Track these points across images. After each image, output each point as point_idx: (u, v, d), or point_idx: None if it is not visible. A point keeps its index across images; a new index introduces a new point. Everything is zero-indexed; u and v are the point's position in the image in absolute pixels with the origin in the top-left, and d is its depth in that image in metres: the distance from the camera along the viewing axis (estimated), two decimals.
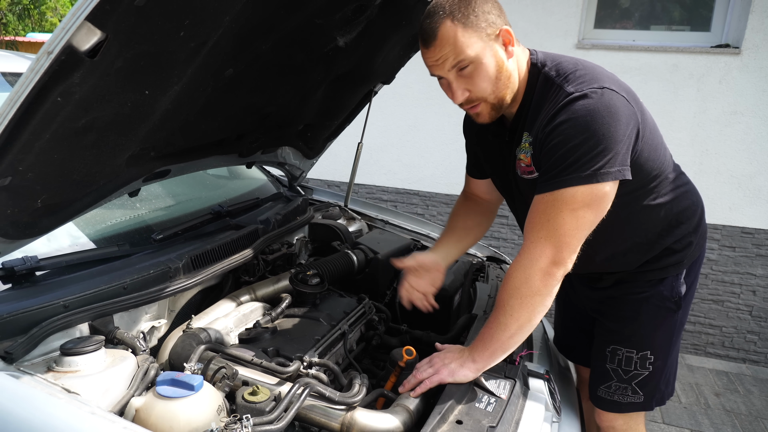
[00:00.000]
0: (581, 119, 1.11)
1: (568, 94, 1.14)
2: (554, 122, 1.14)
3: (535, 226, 1.16)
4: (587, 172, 1.09)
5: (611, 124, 1.10)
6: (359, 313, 1.65)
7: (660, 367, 1.43)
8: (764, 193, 3.25)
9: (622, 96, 1.14)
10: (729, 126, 3.23)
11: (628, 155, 1.14)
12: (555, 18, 3.38)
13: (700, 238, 1.43)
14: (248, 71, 1.36)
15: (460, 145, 1.63)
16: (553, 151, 1.14)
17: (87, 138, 1.03)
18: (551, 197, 1.14)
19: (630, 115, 1.14)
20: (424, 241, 2.30)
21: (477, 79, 1.20)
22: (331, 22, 1.42)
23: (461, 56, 1.16)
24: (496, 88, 1.22)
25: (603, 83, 1.14)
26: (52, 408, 0.96)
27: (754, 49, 3.10)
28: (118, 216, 1.69)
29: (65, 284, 1.26)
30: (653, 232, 1.36)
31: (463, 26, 1.15)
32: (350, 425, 1.11)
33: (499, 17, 1.19)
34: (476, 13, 1.15)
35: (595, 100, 1.11)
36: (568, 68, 1.20)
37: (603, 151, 1.09)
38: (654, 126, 1.29)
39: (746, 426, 2.79)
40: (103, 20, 0.79)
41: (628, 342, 1.43)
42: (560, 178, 1.12)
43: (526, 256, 1.17)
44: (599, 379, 1.49)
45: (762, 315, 3.37)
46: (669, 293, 1.39)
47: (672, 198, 1.35)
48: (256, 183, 2.39)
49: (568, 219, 1.12)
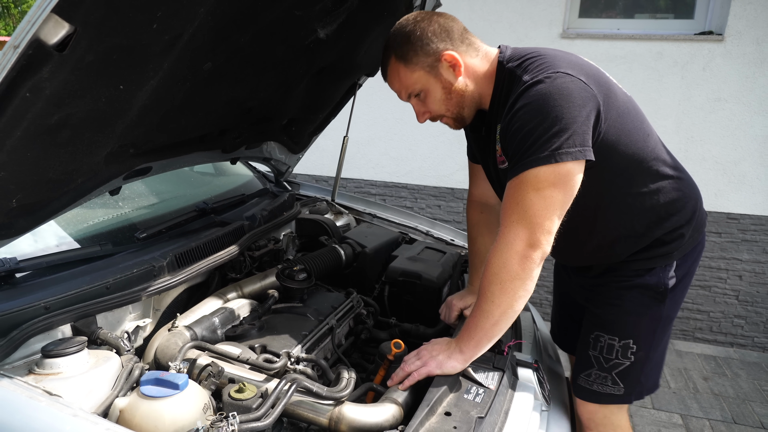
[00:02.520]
0: (534, 103, 1.15)
1: (524, 83, 1.19)
2: (512, 110, 1.20)
3: (507, 210, 1.19)
4: (545, 152, 1.12)
5: (563, 105, 1.13)
6: (347, 308, 1.64)
7: (642, 359, 1.41)
8: (749, 179, 3.28)
9: (578, 79, 1.16)
10: (713, 113, 3.25)
11: (588, 136, 1.15)
12: (540, 8, 3.37)
13: (694, 231, 1.40)
14: (228, 65, 1.34)
15: (448, 138, 1.64)
16: (513, 138, 1.19)
17: (61, 135, 1.01)
18: (517, 181, 1.17)
19: (586, 97, 1.16)
20: (412, 234, 2.29)
21: (430, 103, 1.34)
22: (311, 13, 1.40)
23: (410, 89, 1.33)
24: (450, 106, 1.34)
25: (558, 68, 1.17)
26: (33, 411, 0.95)
27: (737, 36, 3.12)
28: (100, 215, 1.66)
29: (46, 285, 1.24)
30: (641, 223, 1.35)
31: (405, 63, 1.29)
32: (339, 420, 1.10)
33: (442, 41, 1.27)
34: (415, 48, 1.27)
35: (548, 84, 1.15)
36: (529, 60, 1.25)
37: (558, 132, 1.12)
38: (628, 110, 1.28)
39: (734, 409, 2.83)
40: (70, 12, 0.77)
41: (610, 328, 1.42)
42: (522, 162, 1.15)
43: (501, 241, 1.18)
44: (581, 367, 1.48)
45: (748, 299, 3.41)
46: (654, 283, 1.38)
47: (658, 188, 1.33)
48: (242, 179, 2.37)
49: (535, 200, 1.14)
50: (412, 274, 1.77)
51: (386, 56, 1.33)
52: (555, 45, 3.27)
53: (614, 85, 1.29)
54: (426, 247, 2.05)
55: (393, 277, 1.80)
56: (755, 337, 3.45)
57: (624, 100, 1.29)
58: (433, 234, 2.29)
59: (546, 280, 3.74)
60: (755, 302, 3.40)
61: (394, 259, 1.91)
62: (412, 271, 1.78)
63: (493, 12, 3.45)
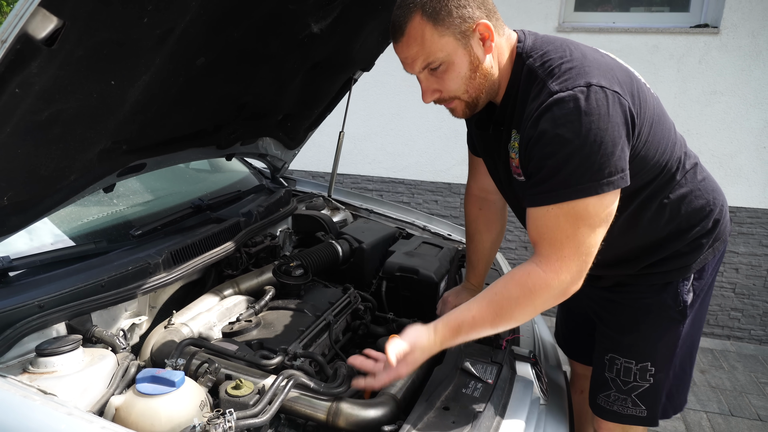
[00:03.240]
0: (570, 126, 1.00)
1: (552, 93, 1.03)
2: (538, 127, 1.03)
3: (555, 242, 1.06)
4: (591, 183, 1.01)
5: (603, 128, 1.00)
6: (344, 303, 1.63)
7: (661, 380, 1.32)
8: (745, 172, 3.29)
9: (613, 92, 1.03)
10: (709, 106, 3.25)
11: (627, 157, 1.04)
12: (535, 1, 3.36)
13: (714, 241, 1.29)
14: (221, 60, 1.32)
15: (444, 132, 1.62)
16: (544, 160, 1.04)
17: (52, 131, 0.99)
18: (560, 210, 1.03)
19: (623, 112, 1.03)
20: (409, 229, 2.29)
21: (448, 80, 1.12)
22: (304, 7, 1.39)
23: (431, 58, 1.09)
24: (470, 88, 1.14)
25: (590, 78, 1.02)
26: (28, 410, 0.94)
27: (732, 29, 3.11)
28: (94, 212, 1.65)
29: (40, 284, 1.23)
30: (659, 235, 1.26)
31: (434, 23, 1.05)
32: (336, 415, 1.10)
33: (479, 9, 1.07)
34: (449, 8, 1.05)
35: (582, 101, 1.00)
36: (554, 60, 1.08)
37: (602, 160, 1.00)
38: (658, 117, 1.17)
39: (731, 401, 2.84)
40: (59, 6, 0.76)
41: (627, 352, 1.33)
42: (561, 190, 1.02)
43: (551, 272, 1.06)
44: (599, 387, 1.41)
45: (745, 292, 3.42)
46: (672, 301, 1.27)
47: (678, 197, 1.22)
48: (238, 176, 2.36)
49: (588, 235, 1.04)
50: (409, 269, 1.77)
51: (407, 11, 1.07)
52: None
53: (644, 88, 1.17)
54: (423, 242, 2.04)
55: (390, 273, 1.79)
56: (752, 329, 3.46)
57: (653, 105, 1.17)
58: (431, 229, 2.29)
59: None
60: (752, 295, 3.41)
61: (391, 254, 1.90)
62: (410, 266, 1.77)
63: None
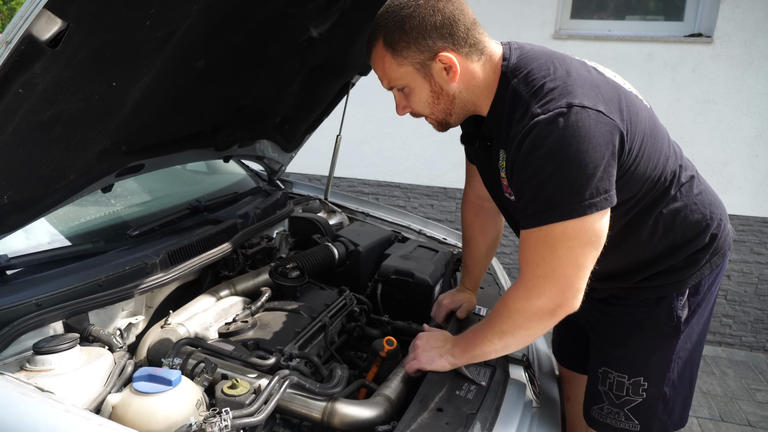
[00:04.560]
0: (550, 148, 0.99)
1: (533, 116, 1.01)
2: (521, 150, 1.03)
3: (531, 263, 1.07)
4: (568, 207, 1.00)
5: (584, 150, 0.98)
6: (340, 305, 1.65)
7: (655, 395, 1.31)
8: (737, 179, 3.32)
9: (597, 111, 1.00)
10: (702, 114, 3.29)
11: (613, 178, 1.03)
12: (532, 9, 3.40)
13: (712, 256, 1.26)
14: (221, 63, 1.34)
15: (440, 137, 1.64)
16: (527, 184, 1.04)
17: (53, 131, 1.01)
18: (541, 234, 1.04)
19: (608, 132, 1.01)
20: (404, 233, 2.30)
21: (413, 101, 1.18)
22: (303, 12, 1.41)
23: (393, 83, 1.16)
24: (435, 111, 1.18)
25: (573, 98, 1.00)
26: (25, 407, 0.94)
27: (725, 38, 3.15)
28: (92, 213, 1.66)
29: (38, 282, 1.23)
30: (653, 251, 1.24)
31: (392, 53, 1.10)
32: (331, 415, 1.11)
33: (442, 39, 1.07)
34: (408, 40, 1.07)
35: (563, 123, 0.98)
36: (537, 79, 1.07)
37: (583, 182, 0.99)
38: (649, 131, 1.15)
39: (722, 407, 2.86)
40: (63, 8, 0.77)
41: (619, 366, 1.33)
42: (544, 213, 1.02)
43: (525, 293, 1.08)
44: (592, 400, 1.40)
45: (736, 299, 3.45)
46: (666, 317, 1.26)
47: (670, 212, 1.21)
48: (235, 178, 2.37)
49: (566, 257, 1.03)
50: (404, 273, 1.78)
51: (374, 36, 1.12)
52: (547, 46, 3.29)
53: (634, 101, 1.14)
54: (419, 245, 2.06)
55: (386, 276, 1.81)
56: (743, 336, 3.49)
57: (645, 119, 1.15)
58: (426, 233, 2.31)
59: None
60: (743, 302, 3.44)
61: (386, 257, 1.91)
62: (405, 270, 1.79)
63: (485, 12, 3.47)
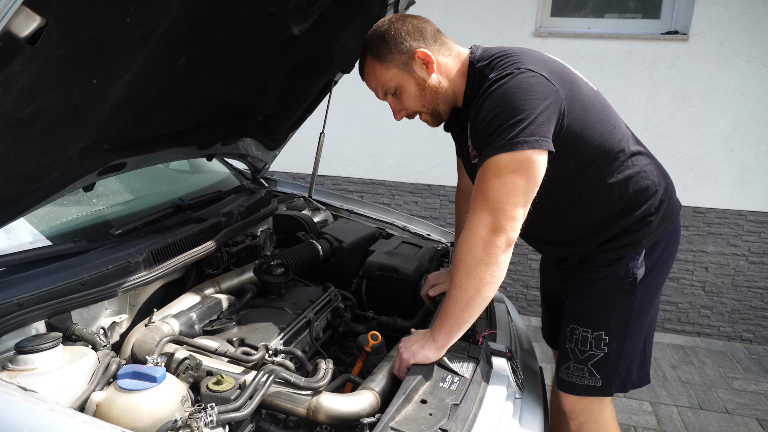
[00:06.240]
0: (496, 97, 1.22)
1: (490, 80, 1.25)
2: (477, 105, 1.27)
3: (472, 198, 1.23)
4: (503, 141, 1.18)
5: (522, 98, 1.19)
6: (325, 301, 1.66)
7: (616, 350, 1.43)
8: (713, 174, 3.40)
9: (540, 75, 1.23)
10: (679, 110, 3.36)
11: (547, 128, 1.21)
12: (512, 7, 3.44)
13: (663, 219, 1.43)
14: (202, 60, 1.34)
15: (424, 135, 1.68)
16: (477, 130, 1.26)
17: (33, 129, 1.00)
18: (481, 170, 1.22)
19: (547, 92, 1.22)
20: (389, 229, 2.32)
21: (406, 100, 1.41)
22: (284, 9, 1.42)
23: (386, 86, 1.40)
24: (425, 103, 1.41)
25: (522, 65, 1.24)
26: (8, 405, 0.93)
27: (700, 36, 3.23)
28: (73, 212, 1.64)
29: (19, 282, 1.22)
30: (610, 212, 1.39)
31: (380, 61, 1.37)
32: (316, 409, 1.12)
33: (415, 41, 1.35)
34: (390, 47, 1.35)
35: (509, 79, 1.22)
36: (497, 58, 1.31)
37: (516, 123, 1.18)
38: (593, 104, 1.34)
39: (700, 395, 2.94)
40: (42, 5, 0.77)
41: (583, 321, 1.45)
42: (484, 151, 1.21)
43: (467, 227, 1.22)
44: (561, 360, 1.52)
45: (714, 290, 3.54)
46: (623, 273, 1.40)
47: (626, 178, 1.37)
48: (219, 176, 2.36)
49: (497, 186, 1.18)
50: (388, 268, 1.80)
51: (363, 56, 1.41)
52: (527, 43, 3.34)
53: (579, 80, 1.35)
54: (403, 241, 2.08)
55: (370, 272, 1.82)
56: (720, 326, 3.58)
57: (589, 95, 1.34)
58: (410, 229, 2.33)
59: (521, 274, 3.82)
60: (720, 293, 3.53)
61: (371, 253, 1.93)
62: (389, 265, 1.80)
63: (467, 11, 3.50)
